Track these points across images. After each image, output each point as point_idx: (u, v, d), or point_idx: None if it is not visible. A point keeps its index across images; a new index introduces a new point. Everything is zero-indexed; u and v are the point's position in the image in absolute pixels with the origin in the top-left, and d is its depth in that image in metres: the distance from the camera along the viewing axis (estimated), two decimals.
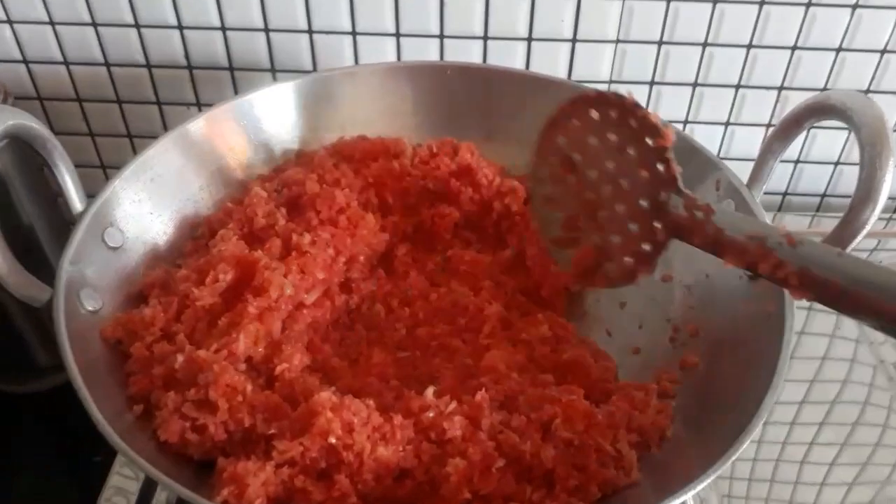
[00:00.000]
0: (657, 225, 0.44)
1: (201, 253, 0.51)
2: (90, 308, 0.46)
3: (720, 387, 0.46)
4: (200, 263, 0.49)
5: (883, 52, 0.70)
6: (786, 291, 0.46)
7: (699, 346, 0.50)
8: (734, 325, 0.49)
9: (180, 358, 0.43)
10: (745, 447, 0.39)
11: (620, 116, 0.45)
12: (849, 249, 0.45)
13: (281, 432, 0.41)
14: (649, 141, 0.43)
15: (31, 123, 0.45)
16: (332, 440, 0.39)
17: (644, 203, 0.44)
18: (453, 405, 0.42)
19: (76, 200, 0.48)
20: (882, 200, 0.44)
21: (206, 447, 0.42)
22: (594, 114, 0.46)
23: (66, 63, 0.75)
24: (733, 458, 0.38)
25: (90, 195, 0.50)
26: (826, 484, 0.56)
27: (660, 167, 0.43)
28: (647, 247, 0.45)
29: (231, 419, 0.42)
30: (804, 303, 0.67)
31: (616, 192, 0.46)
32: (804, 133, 0.51)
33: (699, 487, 0.38)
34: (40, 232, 0.69)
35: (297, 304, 0.48)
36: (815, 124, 0.51)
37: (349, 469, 0.40)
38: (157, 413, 0.43)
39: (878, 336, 0.66)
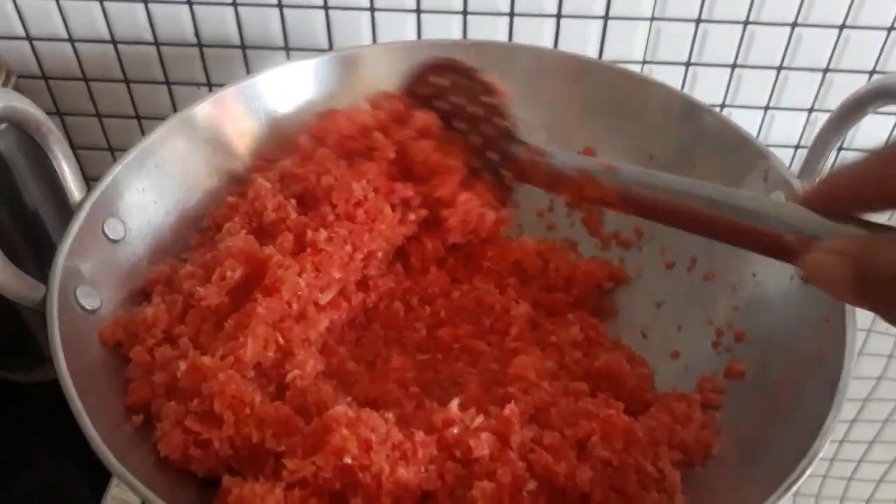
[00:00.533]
0: (505, 173, 0.50)
1: (208, 247, 0.47)
2: (88, 307, 0.42)
3: (772, 399, 0.42)
4: (207, 259, 0.45)
5: None
6: None
7: (747, 353, 0.46)
8: (786, 330, 0.45)
9: (182, 365, 0.39)
10: (806, 476, 0.35)
11: (461, 79, 0.51)
12: None
13: (291, 449, 0.37)
14: (486, 99, 0.49)
15: (23, 105, 0.41)
16: (348, 460, 0.36)
17: (493, 155, 0.50)
18: (480, 419, 0.39)
19: (74, 189, 0.45)
20: None
21: (211, 464, 0.39)
22: (442, 80, 0.52)
23: (72, 40, 0.71)
24: (796, 486, 0.34)
25: (96, 178, 0.47)
26: (874, 501, 0.52)
27: (498, 121, 0.49)
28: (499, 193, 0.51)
29: (237, 434, 0.38)
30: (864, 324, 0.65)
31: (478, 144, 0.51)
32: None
33: None
34: (45, 217, 0.67)
35: (312, 304, 0.45)
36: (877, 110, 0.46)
37: (366, 491, 0.36)
38: (157, 425, 0.39)
39: None
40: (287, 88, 0.57)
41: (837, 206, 0.29)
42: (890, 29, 0.66)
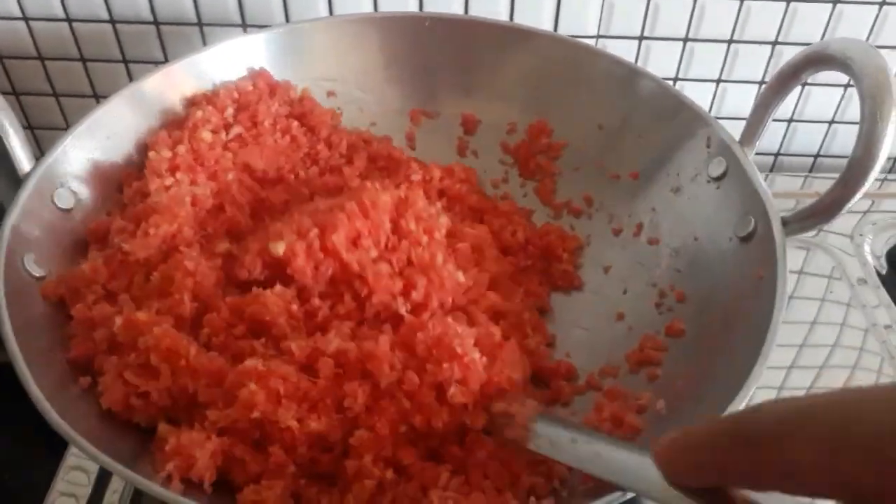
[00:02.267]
0: None
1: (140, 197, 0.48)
2: (36, 274, 0.43)
3: (708, 353, 0.44)
4: (137, 211, 0.45)
5: (882, 3, 0.67)
6: (777, 254, 0.43)
7: (686, 312, 0.48)
8: (724, 289, 0.46)
9: (118, 320, 0.40)
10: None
11: None
12: (846, 209, 0.42)
13: (213, 401, 0.39)
14: None
15: None
16: (257, 414, 0.37)
17: None
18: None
19: (23, 159, 0.45)
20: (883, 156, 0.41)
21: (151, 413, 0.40)
22: None
23: (26, 18, 0.71)
24: None
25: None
26: None
27: None
28: None
29: (174, 385, 0.39)
30: (795, 266, 0.67)
31: None
32: (797, 91, 0.48)
33: None
34: (3, 194, 0.67)
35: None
36: (811, 79, 0.48)
37: (282, 441, 0.38)
38: (99, 379, 0.40)
39: (871, 299, 0.64)
40: (238, 62, 0.57)
41: (690, 478, 0.28)
42: (835, 2, 0.67)
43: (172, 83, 0.54)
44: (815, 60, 0.45)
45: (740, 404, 0.37)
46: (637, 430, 0.42)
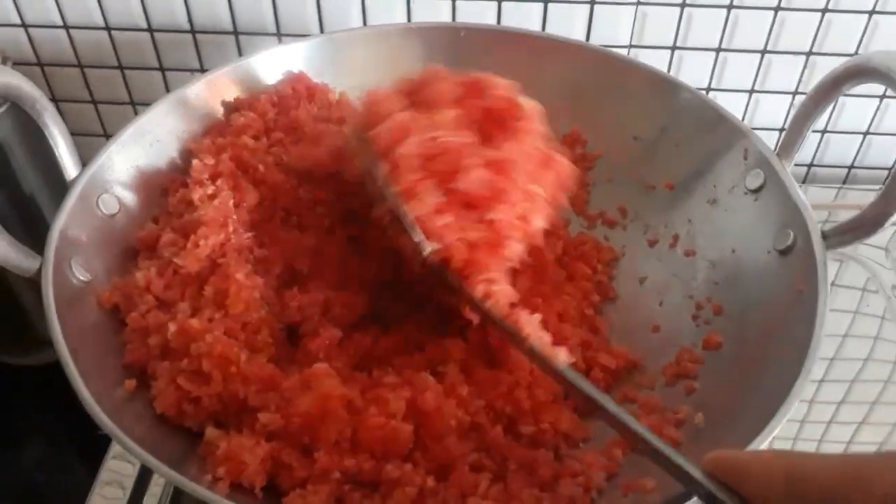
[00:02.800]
0: None
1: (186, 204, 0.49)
2: (82, 278, 0.44)
3: (747, 367, 0.44)
4: (184, 223, 0.46)
5: None
6: (818, 268, 0.43)
7: (724, 325, 0.48)
8: (762, 303, 0.46)
9: (172, 327, 0.41)
10: (775, 434, 0.36)
11: None
12: (890, 223, 0.42)
13: (265, 405, 0.39)
14: None
15: (20, 83, 0.42)
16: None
17: None
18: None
19: (70, 166, 0.46)
20: None
21: (202, 418, 0.41)
22: None
23: (66, 27, 0.72)
24: (765, 443, 0.36)
25: (83, 164, 0.48)
26: None
27: None
28: None
29: (225, 391, 0.40)
30: (829, 277, 0.66)
31: None
32: (838, 98, 0.48)
33: None
34: (41, 201, 0.68)
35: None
36: (852, 90, 0.47)
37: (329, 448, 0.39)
38: (152, 384, 0.41)
39: None
40: (278, 71, 0.58)
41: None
42: (871, 13, 0.67)
43: (215, 90, 0.55)
44: (857, 73, 0.45)
45: (782, 419, 0.37)
46: (677, 443, 0.42)
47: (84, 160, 0.47)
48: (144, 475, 0.52)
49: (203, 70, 0.75)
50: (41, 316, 0.69)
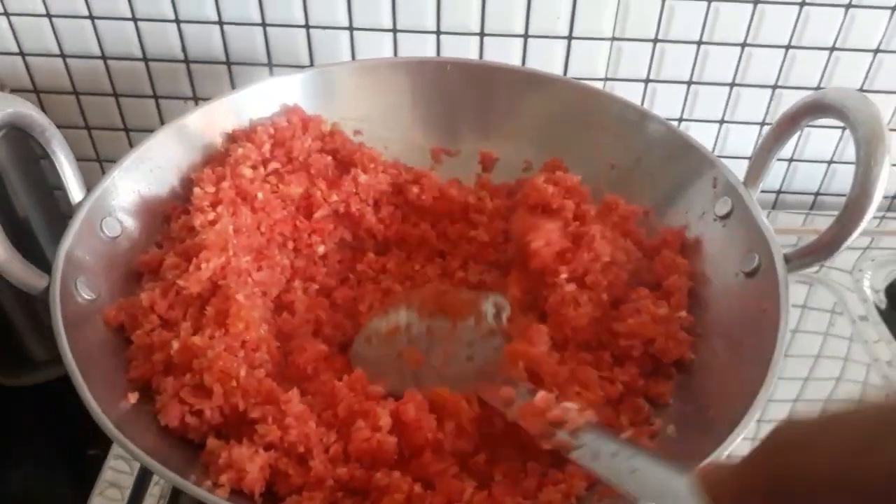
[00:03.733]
0: None
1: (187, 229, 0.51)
2: (87, 297, 0.46)
3: (714, 383, 0.47)
4: (186, 247, 0.49)
5: (876, 51, 0.71)
6: (780, 289, 0.46)
7: (695, 343, 0.50)
8: (730, 322, 0.49)
9: (175, 344, 0.43)
10: (738, 444, 0.39)
11: None
12: (844, 247, 0.45)
13: (264, 416, 0.42)
14: None
15: (31, 111, 0.45)
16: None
17: None
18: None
19: (76, 190, 0.48)
20: (878, 198, 0.44)
21: (203, 430, 0.43)
22: None
23: (63, 56, 0.74)
24: (725, 454, 0.38)
25: (88, 188, 0.50)
26: None
27: None
28: None
29: (226, 404, 0.42)
30: (798, 300, 0.69)
31: None
32: (798, 132, 0.51)
33: None
34: (35, 224, 0.69)
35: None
36: (811, 123, 0.51)
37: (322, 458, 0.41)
38: (157, 398, 0.43)
39: (872, 334, 0.67)
40: (273, 101, 0.60)
41: None
42: (832, 49, 0.71)
43: (212, 119, 0.57)
44: (814, 109, 0.48)
45: (743, 431, 0.40)
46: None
47: (83, 182, 0.49)
48: (139, 490, 0.54)
49: (196, 98, 0.77)
50: (33, 337, 0.71)
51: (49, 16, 0.71)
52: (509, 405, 0.43)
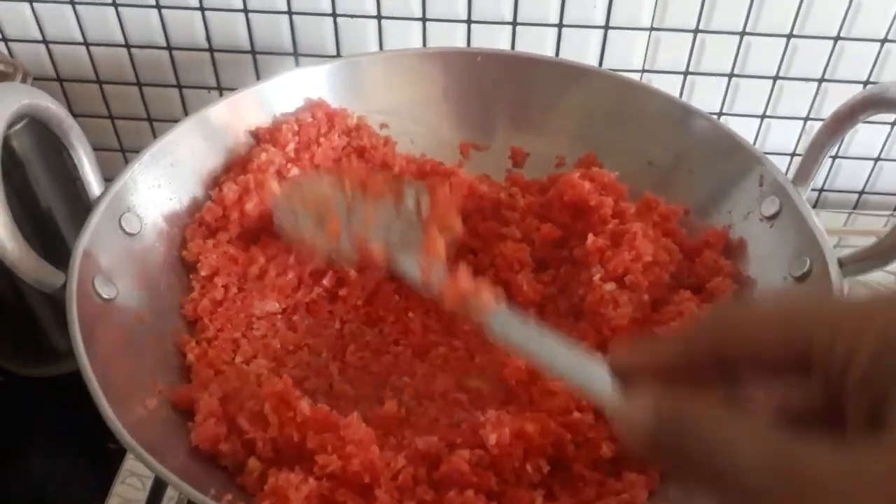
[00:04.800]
0: None
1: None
2: (105, 295, 0.44)
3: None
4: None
5: None
6: (834, 294, 0.43)
7: None
8: None
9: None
10: None
11: None
12: None
13: (322, 446, 0.39)
14: None
15: (47, 103, 0.43)
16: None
17: None
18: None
19: (94, 184, 0.47)
20: None
21: (238, 456, 0.41)
22: None
23: (87, 44, 0.73)
24: None
25: (108, 179, 0.48)
26: None
27: None
28: None
29: (280, 435, 0.40)
30: None
31: None
32: (854, 127, 0.48)
33: None
34: (58, 216, 0.68)
35: None
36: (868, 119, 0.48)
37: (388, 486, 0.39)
38: (195, 417, 0.42)
39: None
40: (299, 93, 0.58)
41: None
42: (883, 41, 0.67)
43: (236, 112, 0.55)
44: (875, 103, 0.45)
45: None
46: None
47: (102, 175, 0.48)
48: (156, 491, 0.53)
49: (220, 88, 0.75)
50: (56, 328, 0.70)
51: (72, 3, 0.70)
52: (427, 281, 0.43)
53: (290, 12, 0.69)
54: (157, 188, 0.50)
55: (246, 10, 0.69)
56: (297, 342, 0.50)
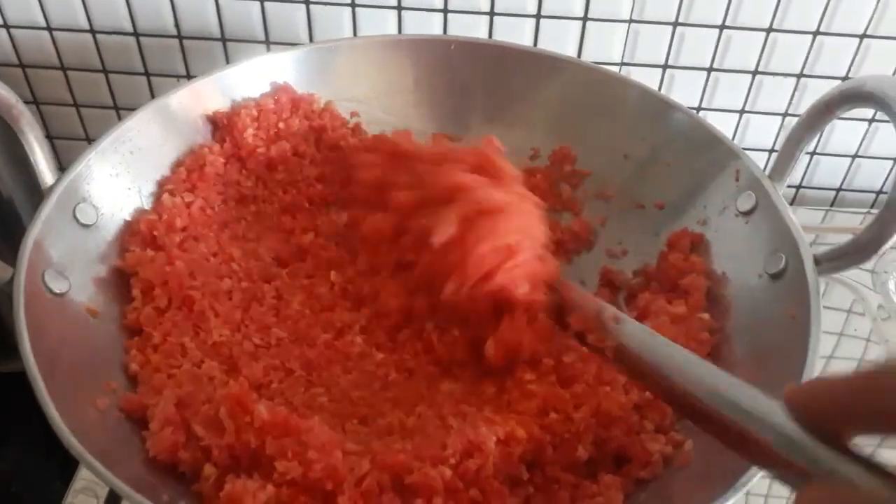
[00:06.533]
0: None
1: None
2: (56, 290, 0.42)
3: None
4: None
5: None
6: (810, 294, 0.42)
7: (717, 348, 0.47)
8: (753, 327, 0.46)
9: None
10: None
11: None
12: (883, 250, 0.42)
13: (281, 452, 0.38)
14: None
15: None
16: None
17: None
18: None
19: (46, 172, 0.45)
20: None
21: (198, 462, 0.39)
22: None
23: (50, 29, 0.71)
24: (757, 476, 0.35)
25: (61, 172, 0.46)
26: None
27: None
28: None
29: (238, 441, 0.38)
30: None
31: None
32: (830, 122, 0.48)
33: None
34: (19, 205, 0.66)
35: None
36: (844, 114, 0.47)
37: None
38: (150, 425, 0.40)
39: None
40: (264, 80, 0.56)
41: (826, 420, 0.27)
42: (862, 36, 0.67)
43: (198, 98, 0.54)
44: (851, 97, 0.44)
45: None
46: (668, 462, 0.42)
47: (65, 164, 0.46)
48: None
49: (189, 76, 0.73)
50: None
51: None
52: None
53: None
54: (114, 177, 0.49)
55: None
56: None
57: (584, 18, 0.67)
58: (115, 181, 0.49)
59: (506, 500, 0.39)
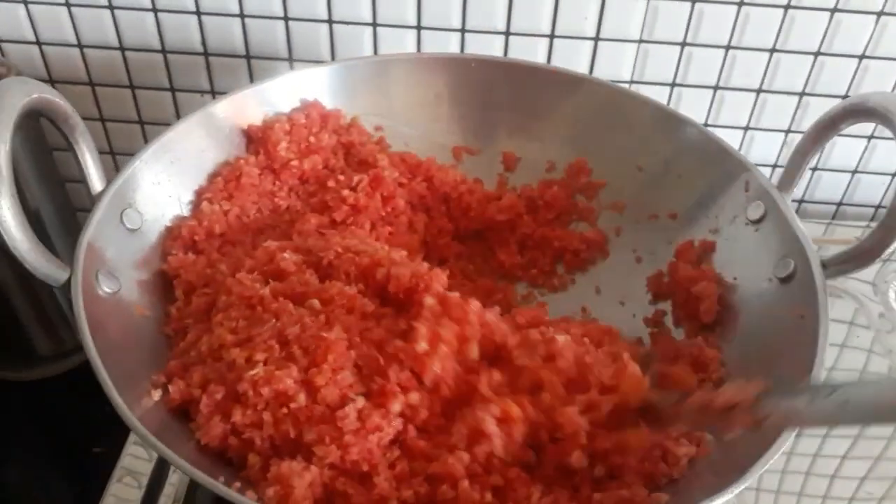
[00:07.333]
0: None
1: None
2: (108, 289, 0.44)
3: None
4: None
5: None
6: (818, 295, 0.45)
7: (727, 351, 0.49)
8: (764, 328, 0.48)
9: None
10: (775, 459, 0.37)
11: None
12: (886, 254, 0.44)
13: (320, 437, 0.40)
14: None
15: (54, 98, 0.44)
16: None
17: None
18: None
19: (96, 180, 0.47)
20: None
21: (245, 450, 0.41)
22: None
23: (80, 46, 0.73)
24: (760, 471, 0.37)
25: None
26: (855, 499, 0.55)
27: None
28: None
29: (277, 432, 0.40)
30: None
31: None
32: (835, 136, 0.50)
33: (722, 500, 0.37)
34: (46, 217, 0.68)
35: None
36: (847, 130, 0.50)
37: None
38: (197, 415, 0.42)
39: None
40: (297, 94, 0.59)
41: None
42: (861, 57, 0.70)
43: (238, 111, 0.57)
44: (855, 112, 0.47)
45: (786, 441, 0.38)
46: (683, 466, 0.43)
47: (103, 171, 0.48)
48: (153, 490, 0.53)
49: (213, 92, 0.76)
50: (39, 331, 0.69)
51: (67, 4, 0.70)
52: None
53: (286, 18, 0.70)
54: (156, 185, 0.51)
55: (242, 15, 0.70)
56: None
57: (596, 38, 0.70)
58: (158, 189, 0.51)
59: (529, 487, 0.40)
